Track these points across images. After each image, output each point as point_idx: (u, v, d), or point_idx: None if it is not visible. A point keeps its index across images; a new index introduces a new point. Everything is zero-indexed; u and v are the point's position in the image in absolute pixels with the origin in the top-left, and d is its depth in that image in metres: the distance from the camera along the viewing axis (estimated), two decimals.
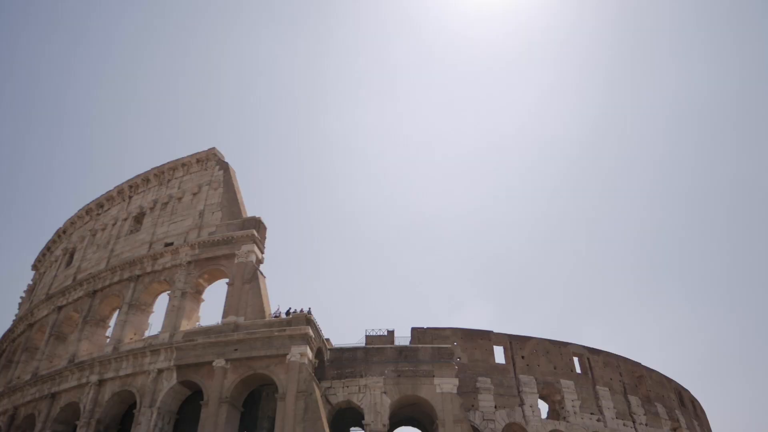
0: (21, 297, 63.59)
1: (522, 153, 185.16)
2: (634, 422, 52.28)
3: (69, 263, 55.80)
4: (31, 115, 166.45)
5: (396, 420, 46.28)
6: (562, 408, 49.74)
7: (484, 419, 46.01)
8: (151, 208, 51.52)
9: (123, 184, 56.15)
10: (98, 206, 57.70)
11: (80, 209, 59.44)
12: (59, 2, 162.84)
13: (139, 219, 52.38)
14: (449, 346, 45.02)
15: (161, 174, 53.85)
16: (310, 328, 37.30)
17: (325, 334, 43.25)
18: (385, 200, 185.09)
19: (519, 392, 48.60)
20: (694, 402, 66.25)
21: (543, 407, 51.21)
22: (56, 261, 58.79)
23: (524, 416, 47.29)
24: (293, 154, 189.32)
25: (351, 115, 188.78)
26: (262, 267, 43.36)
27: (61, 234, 61.40)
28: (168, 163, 53.80)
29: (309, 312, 39.07)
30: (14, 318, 60.05)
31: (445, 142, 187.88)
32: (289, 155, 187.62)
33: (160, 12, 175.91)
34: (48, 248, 63.19)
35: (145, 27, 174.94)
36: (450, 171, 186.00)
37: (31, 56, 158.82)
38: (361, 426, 40.50)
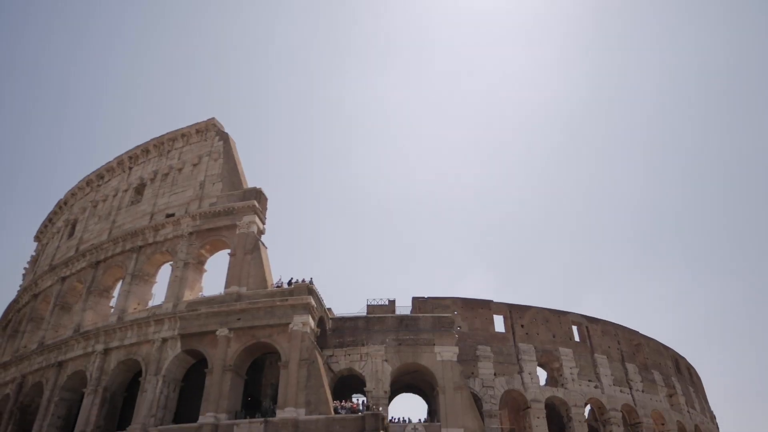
0: (24, 268, 64.03)
1: (521, 124, 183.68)
2: (630, 389, 53.20)
3: (71, 234, 55.95)
4: (32, 89, 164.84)
5: (397, 387, 47.11)
6: (561, 375, 50.55)
7: (483, 386, 46.82)
8: (152, 179, 51.37)
9: (123, 155, 55.84)
10: (98, 177, 57.52)
11: (80, 180, 59.31)
12: None
13: (139, 190, 52.28)
14: (449, 315, 45.50)
15: (161, 145, 53.51)
16: (311, 297, 37.65)
17: (327, 304, 43.69)
18: (386, 170, 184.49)
19: (518, 360, 49.32)
20: (690, 369, 67.25)
21: (542, 374, 52.07)
22: (58, 232, 58.95)
23: (523, 383, 48.11)
24: (293, 124, 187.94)
25: (352, 85, 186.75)
26: (263, 237, 43.52)
27: (62, 205, 61.39)
28: (167, 133, 53.38)
29: (311, 282, 39.38)
30: (19, 288, 60.56)
31: (446, 112, 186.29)
32: (289, 126, 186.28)
33: None
34: (49, 219, 63.29)
35: None
36: (451, 141, 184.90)
37: (33, 47, 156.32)
38: (363, 393, 41.26)
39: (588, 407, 52.60)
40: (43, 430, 40.05)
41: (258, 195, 44.47)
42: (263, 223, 44.20)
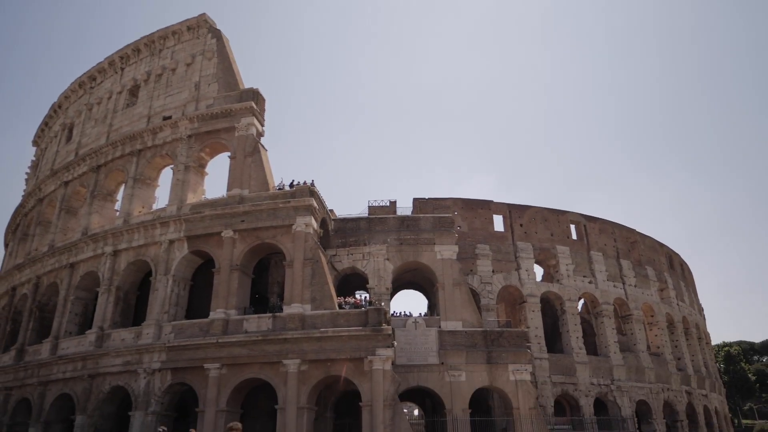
0: (26, 173, 64.21)
1: (523, 25, 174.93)
2: (623, 284, 55.30)
3: (69, 139, 55.38)
4: None
5: (398, 284, 49.01)
6: (557, 272, 52.31)
7: (482, 282, 48.63)
8: (146, 81, 49.86)
9: (113, 54, 53.73)
10: (90, 79, 55.81)
11: (72, 83, 57.67)
12: None
13: (134, 92, 50.96)
14: (450, 215, 46.17)
15: (151, 43, 51.32)
16: (313, 199, 38.01)
17: (329, 206, 44.25)
18: (387, 71, 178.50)
19: (516, 258, 50.79)
20: (683, 265, 69.52)
21: (538, 271, 53.88)
22: (56, 136, 58.32)
23: (520, 279, 49.90)
24: (288, 21, 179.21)
25: None
26: (262, 140, 43.10)
27: (56, 109, 60.16)
28: (158, 31, 50.97)
29: (312, 184, 39.59)
30: (23, 193, 61.13)
31: (448, 13, 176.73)
32: (284, 23, 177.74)
33: None
34: (46, 123, 62.34)
35: None
36: (453, 42, 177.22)
37: None
38: (366, 290, 42.98)
39: (581, 301, 54.99)
40: (62, 326, 42.32)
41: (255, 96, 43.40)
42: (262, 125, 43.57)
